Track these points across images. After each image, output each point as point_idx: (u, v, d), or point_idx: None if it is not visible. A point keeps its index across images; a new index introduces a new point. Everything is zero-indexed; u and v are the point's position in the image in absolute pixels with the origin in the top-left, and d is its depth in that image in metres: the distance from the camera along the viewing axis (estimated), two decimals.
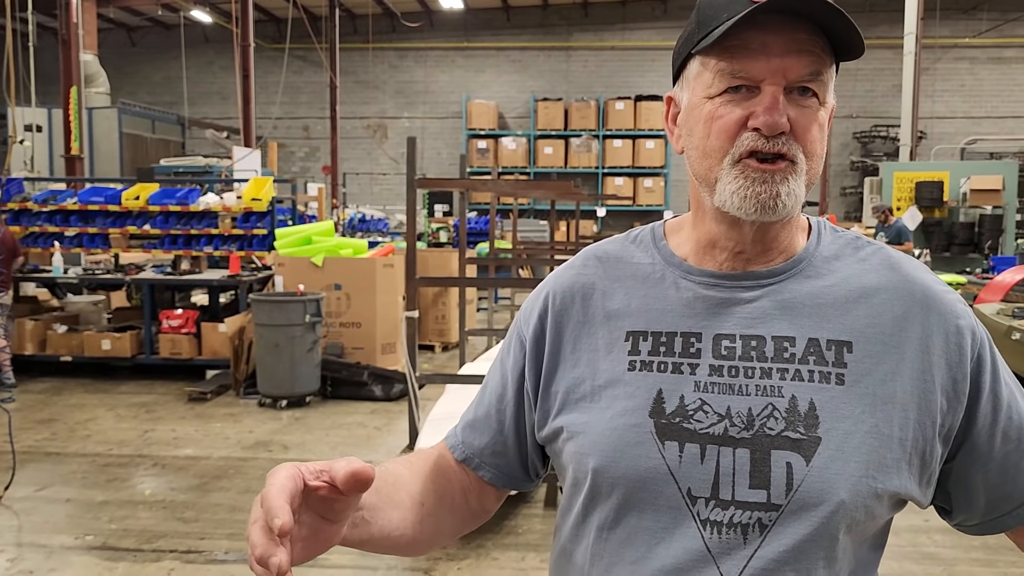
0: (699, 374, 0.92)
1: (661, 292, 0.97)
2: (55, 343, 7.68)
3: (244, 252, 8.12)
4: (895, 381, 0.89)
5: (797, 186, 0.90)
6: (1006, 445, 0.93)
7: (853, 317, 0.92)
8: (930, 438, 0.89)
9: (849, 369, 0.89)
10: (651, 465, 0.90)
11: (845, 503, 0.85)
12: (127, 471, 5.16)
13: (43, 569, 3.79)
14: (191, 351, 7.56)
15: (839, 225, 1.21)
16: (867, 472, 0.86)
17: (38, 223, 8.27)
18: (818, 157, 0.92)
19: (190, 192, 8.31)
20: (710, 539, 0.88)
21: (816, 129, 0.90)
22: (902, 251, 4.22)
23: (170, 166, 14.14)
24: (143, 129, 18.19)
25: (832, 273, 0.95)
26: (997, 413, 0.92)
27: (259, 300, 6.72)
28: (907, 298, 0.92)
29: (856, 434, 0.87)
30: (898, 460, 0.88)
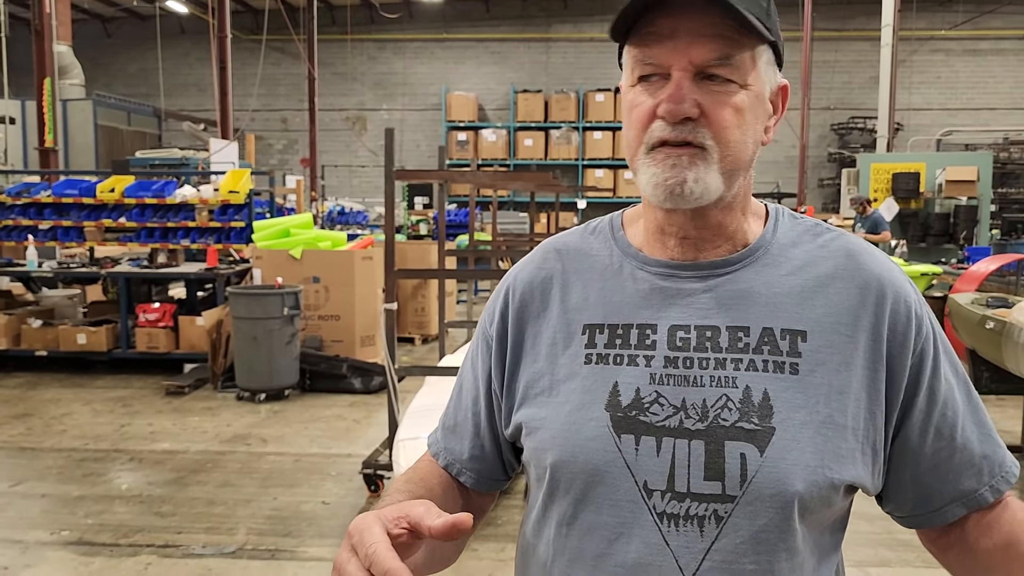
0: (654, 366, 0.91)
1: (618, 284, 0.97)
2: (30, 337, 7.59)
3: (221, 245, 8.06)
4: (849, 371, 0.89)
5: (707, 173, 0.88)
6: (937, 442, 0.93)
7: (808, 306, 0.91)
8: (880, 427, 0.90)
9: (803, 359, 0.89)
10: (608, 459, 0.90)
11: (801, 493, 0.85)
12: (103, 466, 5.12)
13: (18, 565, 3.75)
14: (168, 345, 7.50)
15: (818, 217, 1.21)
16: (822, 462, 0.86)
17: (11, 216, 8.16)
18: (735, 143, 0.89)
19: (166, 184, 8.23)
20: (668, 532, 0.87)
21: (729, 114, 0.88)
22: (877, 240, 4.28)
23: (146, 158, 14.00)
24: (119, 121, 18.00)
25: (789, 261, 0.94)
26: (931, 408, 0.92)
27: (237, 293, 6.68)
28: (863, 287, 0.92)
29: (811, 424, 0.87)
30: (852, 450, 0.88)
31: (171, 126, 20.70)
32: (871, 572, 3.73)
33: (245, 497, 4.57)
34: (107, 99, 18.03)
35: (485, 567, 3.73)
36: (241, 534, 4.09)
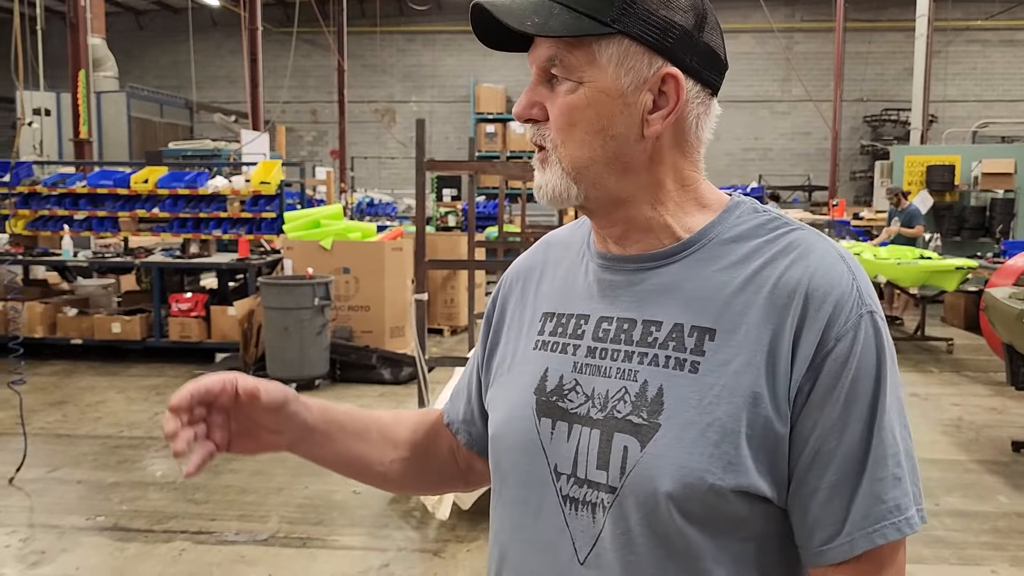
0: (578, 355, 0.94)
1: (577, 275, 1.00)
2: (65, 326, 7.71)
3: (253, 235, 8.12)
4: (751, 374, 0.84)
5: (551, 175, 0.90)
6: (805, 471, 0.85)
7: (726, 304, 0.87)
8: (781, 438, 0.84)
9: (706, 358, 0.86)
10: (528, 439, 0.95)
11: (672, 494, 0.83)
12: (137, 453, 5.19)
13: (55, 549, 3.81)
14: (200, 334, 7.58)
15: (850, 211, 1.16)
16: (701, 464, 0.83)
17: (47, 207, 8.28)
18: (571, 142, 0.89)
19: (199, 175, 8.30)
20: (569, 515, 0.91)
21: (561, 113, 0.88)
22: (912, 235, 4.17)
23: (179, 149, 14.14)
24: (151, 113, 18.19)
25: (726, 256, 0.90)
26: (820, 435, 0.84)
27: (268, 283, 6.73)
28: (793, 291, 0.85)
29: (697, 425, 0.84)
30: (743, 456, 0.83)
31: (202, 118, 20.88)
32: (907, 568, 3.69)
33: (277, 485, 4.61)
34: (140, 91, 18.23)
35: None
36: (273, 522, 4.13)
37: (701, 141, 0.94)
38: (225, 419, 0.98)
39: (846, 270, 0.87)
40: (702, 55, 0.89)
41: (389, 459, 1.10)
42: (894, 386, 0.86)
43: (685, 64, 0.88)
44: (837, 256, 0.88)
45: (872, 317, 0.85)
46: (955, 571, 3.70)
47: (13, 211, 8.18)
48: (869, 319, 0.85)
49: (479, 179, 16.09)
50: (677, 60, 0.88)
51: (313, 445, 1.04)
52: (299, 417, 1.01)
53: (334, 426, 1.06)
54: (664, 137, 0.90)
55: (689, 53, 0.88)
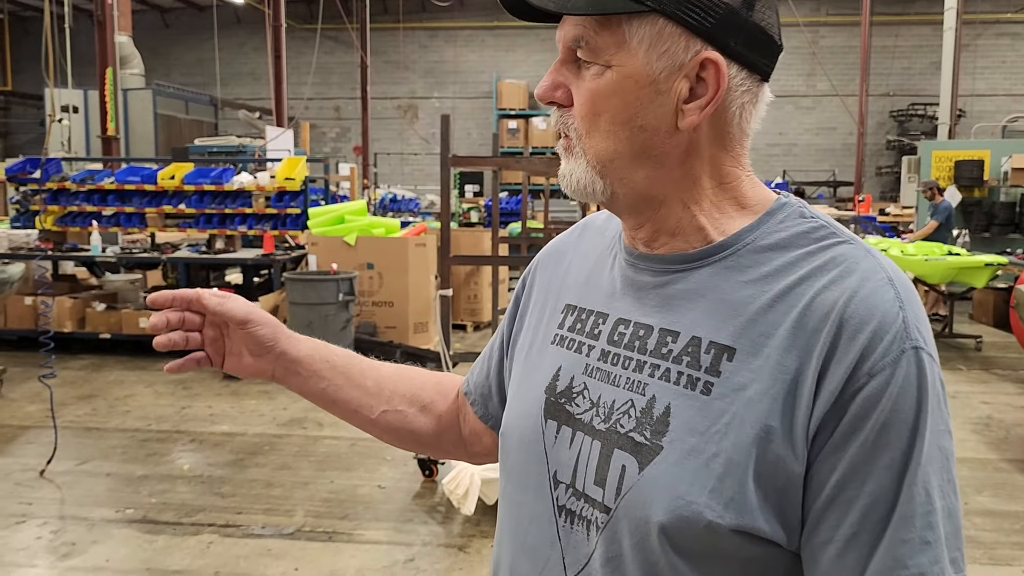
0: (591, 357, 0.88)
1: (604, 268, 0.94)
2: (94, 321, 7.80)
3: (278, 231, 8.17)
4: (766, 405, 0.74)
5: (575, 165, 0.83)
6: (820, 518, 0.75)
7: (751, 322, 0.78)
8: (795, 479, 0.74)
9: (721, 379, 0.77)
10: (532, 440, 0.90)
11: (664, 526, 0.76)
12: (165, 446, 5.25)
13: (85, 541, 3.86)
14: None
15: (877, 206, 1.09)
16: (700, 498, 0.75)
17: (76, 202, 8.37)
18: (597, 132, 0.81)
19: (224, 171, 8.37)
20: (562, 527, 0.85)
21: (585, 101, 0.80)
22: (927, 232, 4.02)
23: (204, 146, 14.25)
24: (177, 110, 18.34)
25: (760, 266, 0.80)
26: (840, 491, 0.73)
27: (293, 279, 6.77)
28: (826, 315, 0.74)
29: (701, 454, 0.76)
30: (748, 495, 0.74)
31: (227, 115, 21.03)
32: None
33: (302, 480, 4.64)
34: (166, 88, 18.38)
35: None
36: (299, 516, 4.15)
37: (746, 133, 0.84)
38: (219, 335, 1.03)
39: (893, 296, 0.75)
40: (750, 36, 0.79)
41: (381, 409, 1.08)
42: (938, 435, 0.73)
43: (728, 47, 0.78)
44: (885, 279, 0.76)
45: (918, 354, 0.73)
46: (986, 571, 3.66)
47: (43, 207, 8.28)
48: (913, 355, 0.73)
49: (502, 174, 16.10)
50: (719, 43, 0.78)
51: (299, 379, 1.05)
52: (279, 346, 1.03)
53: (324, 365, 1.05)
54: (702, 129, 0.81)
55: (734, 34, 0.78)
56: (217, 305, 0.99)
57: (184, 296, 0.99)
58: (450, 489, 3.98)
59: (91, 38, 11.24)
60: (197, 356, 1.03)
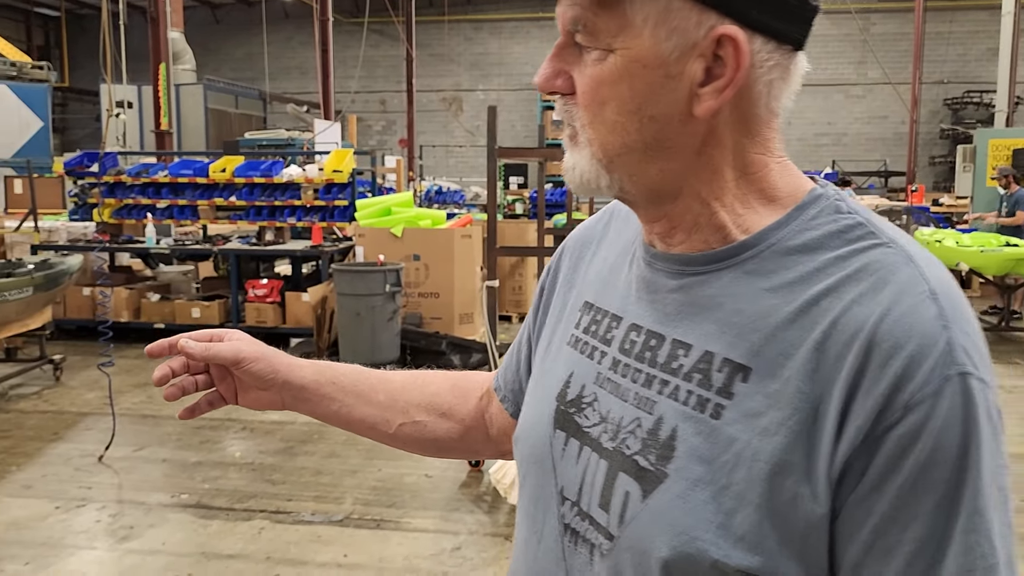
0: (603, 364, 0.80)
1: (623, 264, 0.85)
2: (149, 311, 8.00)
3: (326, 223, 8.29)
4: (782, 437, 0.66)
5: (579, 157, 0.75)
6: (858, 565, 0.65)
7: (770, 337, 0.68)
8: (818, 519, 0.65)
9: (734, 402, 0.68)
10: (542, 451, 0.84)
11: (667, 562, 0.68)
12: (218, 434, 5.37)
13: (142, 524, 3.98)
14: (275, 320, 7.78)
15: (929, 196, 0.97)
16: (707, 535, 0.67)
17: (132, 195, 8.58)
18: (602, 123, 0.72)
19: (274, 164, 8.50)
20: (567, 547, 0.79)
21: (588, 89, 0.72)
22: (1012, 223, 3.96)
23: (254, 139, 14.48)
24: (227, 104, 18.63)
25: (784, 271, 0.70)
26: (861, 518, 0.64)
27: (341, 270, 6.86)
28: (854, 335, 0.65)
29: (709, 486, 0.68)
30: (762, 535, 0.66)
31: (275, 108, 21.32)
32: None
33: (350, 468, 4.71)
34: (216, 83, 18.68)
35: None
36: (348, 503, 4.23)
37: (775, 113, 0.73)
38: (226, 372, 1.00)
39: (936, 313, 0.64)
40: (777, 3, 0.68)
41: (398, 422, 1.05)
42: (995, 473, 0.63)
43: (749, 17, 0.68)
44: (926, 292, 0.65)
45: (965, 381, 0.62)
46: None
47: (100, 200, 8.50)
48: (959, 383, 0.62)
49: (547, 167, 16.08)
50: (737, 14, 0.68)
51: (309, 404, 1.02)
52: (281, 376, 0.99)
53: (332, 387, 1.03)
54: (723, 114, 0.71)
55: (757, 3, 0.68)
56: (203, 351, 0.95)
57: (173, 344, 0.96)
58: (496, 479, 4.01)
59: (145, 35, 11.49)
60: (209, 397, 1.00)
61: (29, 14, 24.67)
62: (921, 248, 0.70)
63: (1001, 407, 0.65)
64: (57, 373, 6.62)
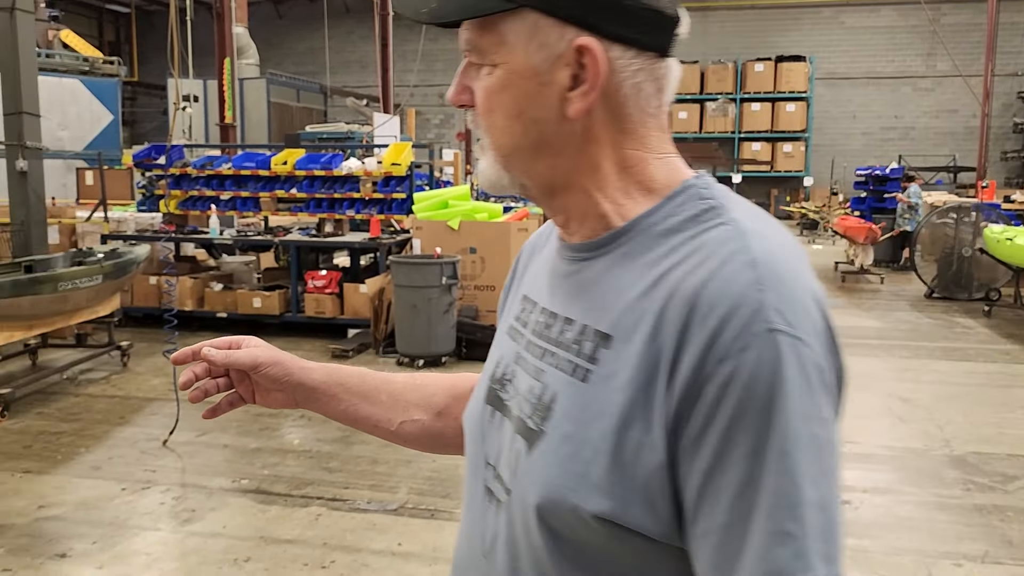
0: (521, 345, 0.91)
1: (549, 259, 0.95)
2: (212, 300, 8.20)
3: (384, 216, 8.38)
4: (628, 393, 0.75)
5: (486, 162, 0.86)
6: (695, 510, 0.72)
7: (628, 309, 0.78)
8: (656, 469, 0.73)
9: (598, 367, 0.78)
10: (476, 425, 0.95)
11: (539, 507, 0.79)
12: (277, 421, 5.48)
13: (204, 508, 4.09)
14: (334, 310, 7.90)
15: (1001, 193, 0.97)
16: (567, 483, 0.77)
17: (196, 187, 8.79)
18: (492, 127, 0.83)
19: (334, 157, 8.62)
20: (487, 506, 0.90)
21: (481, 100, 0.83)
22: None
23: (315, 132, 14.69)
24: (288, 98, 18.95)
25: (649, 252, 0.80)
26: (702, 482, 0.71)
27: (398, 262, 6.94)
28: (684, 300, 0.73)
29: (573, 440, 0.78)
30: (612, 481, 0.74)
31: (335, 102, 21.60)
32: None
33: (405, 458, 4.77)
34: (278, 77, 19.01)
35: None
36: (402, 492, 4.28)
37: (648, 113, 0.82)
38: (244, 375, 1.09)
39: (751, 279, 0.71)
40: (630, 16, 0.78)
41: (399, 420, 1.14)
42: (807, 421, 0.69)
43: (605, 30, 0.78)
44: (747, 260, 0.73)
45: (773, 337, 0.69)
46: None
47: (167, 192, 8.73)
48: (767, 339, 0.69)
49: None
50: (593, 27, 0.77)
51: (319, 404, 1.12)
52: (294, 379, 1.09)
53: (339, 388, 1.12)
54: (595, 114, 0.80)
55: (608, 16, 0.77)
56: (223, 359, 1.06)
57: (196, 352, 1.07)
58: None
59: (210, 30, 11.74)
60: (230, 398, 1.11)
61: (101, 11, 25.42)
62: (763, 225, 0.78)
63: (824, 365, 0.71)
64: (124, 359, 6.83)
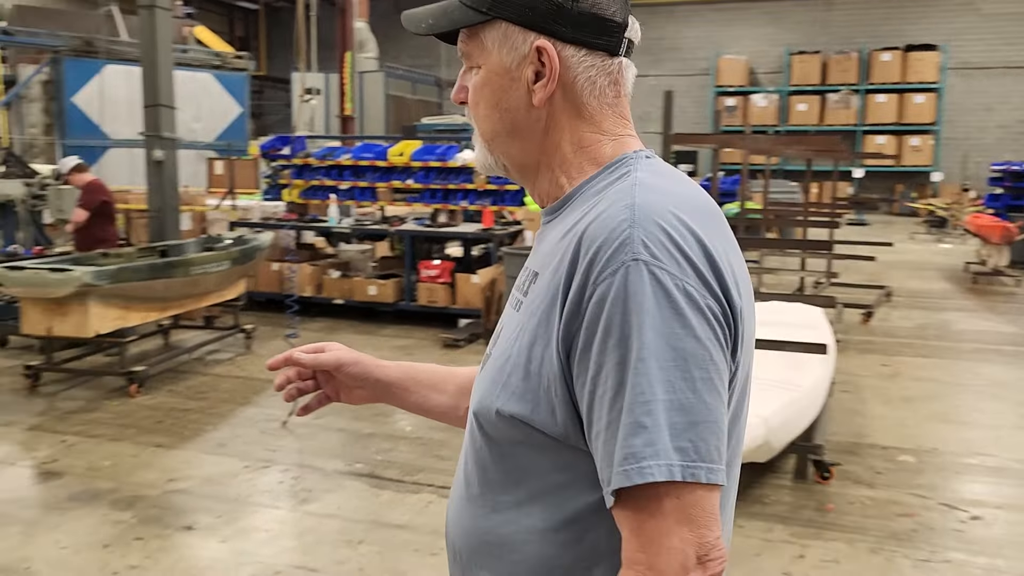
0: (513, 303, 1.06)
1: None
2: (329, 287, 8.45)
3: (497, 207, 8.43)
4: (540, 315, 0.94)
5: (478, 148, 1.06)
6: (589, 415, 0.89)
7: (551, 251, 0.97)
8: (555, 376, 0.91)
9: (527, 298, 0.98)
10: (476, 375, 1.09)
11: (476, 414, 1.00)
12: (389, 408, 5.58)
13: (320, 489, 4.22)
14: (446, 300, 8.01)
15: None
16: (492, 390, 0.97)
17: (317, 177, 9.07)
18: (479, 117, 1.04)
19: (449, 149, 8.73)
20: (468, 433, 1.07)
21: (472, 94, 1.04)
22: None
23: (431, 124, 14.93)
24: (405, 91, 19.34)
25: (579, 210, 0.97)
26: (584, 380, 0.89)
27: (510, 253, 6.97)
28: (581, 235, 0.91)
29: (501, 357, 0.98)
30: (524, 389, 0.94)
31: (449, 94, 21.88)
32: None
33: None
34: (396, 70, 19.43)
35: (752, 545, 3.63)
36: None
37: (606, 103, 1.01)
38: (329, 376, 1.28)
39: (626, 218, 0.88)
40: (579, 22, 0.97)
41: (464, 407, 1.22)
42: (669, 336, 0.84)
43: (559, 33, 0.97)
44: (625, 205, 0.90)
45: (638, 265, 0.86)
46: None
47: (290, 181, 9.04)
48: (633, 267, 0.85)
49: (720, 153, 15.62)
50: (548, 32, 0.97)
51: (394, 397, 1.29)
52: (373, 376, 1.27)
53: (411, 381, 1.29)
54: (556, 103, 0.99)
55: (563, 24, 0.97)
56: (312, 360, 1.26)
57: (288, 357, 1.26)
58: None
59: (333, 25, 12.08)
60: (319, 397, 1.30)
61: (232, 8, 26.55)
62: (659, 181, 0.95)
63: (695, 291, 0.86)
64: (248, 341, 7.12)
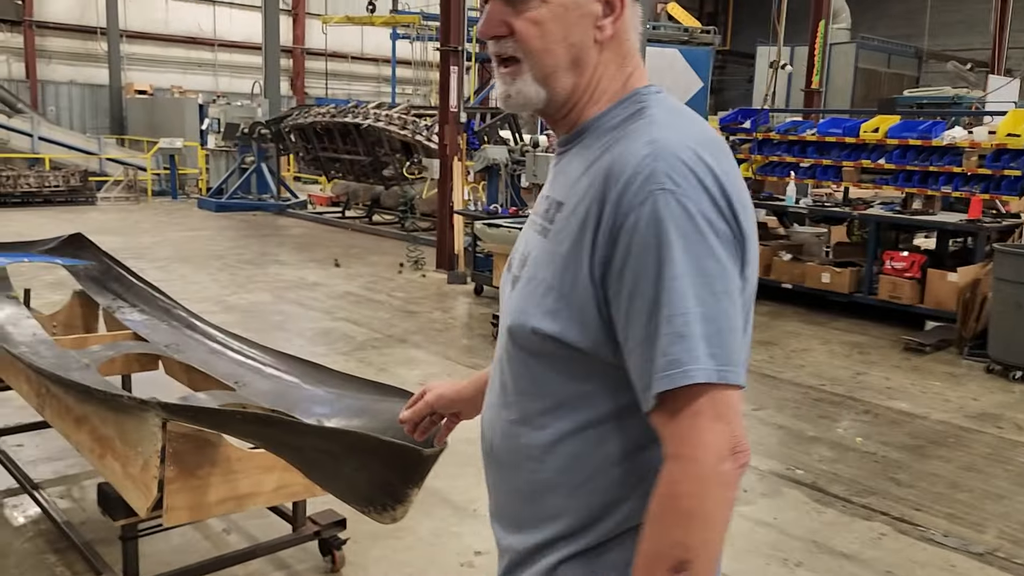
0: (531, 223, 1.21)
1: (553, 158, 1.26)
2: (778, 270, 7.92)
3: (988, 195, 7.13)
4: (570, 241, 1.07)
5: (523, 84, 1.14)
6: (626, 330, 1.03)
7: (575, 183, 1.10)
8: (589, 296, 1.05)
9: (553, 225, 1.12)
10: (501, 292, 1.26)
11: (511, 328, 1.16)
12: (837, 411, 5.00)
13: (756, 491, 3.84)
14: (912, 297, 7.01)
15: None
16: (525, 309, 1.12)
17: (777, 153, 8.54)
18: (538, 51, 1.11)
19: (933, 125, 7.59)
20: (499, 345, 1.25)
21: (531, 28, 1.11)
22: None
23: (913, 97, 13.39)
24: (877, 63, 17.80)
25: (597, 143, 1.11)
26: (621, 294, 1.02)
27: (1005, 252, 5.80)
28: (608, 168, 1.05)
29: (533, 280, 1.12)
30: (557, 309, 1.08)
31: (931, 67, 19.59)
32: None
33: (995, 491, 3.92)
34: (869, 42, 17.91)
35: None
36: (990, 535, 3.49)
37: (637, 37, 1.16)
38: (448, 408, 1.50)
39: (648, 153, 1.02)
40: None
41: None
42: (697, 258, 0.99)
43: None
44: (646, 140, 1.04)
45: (663, 194, 1.00)
46: None
47: (748, 156, 8.65)
48: (660, 195, 0.99)
49: None
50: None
51: (476, 410, 1.39)
52: (456, 401, 1.47)
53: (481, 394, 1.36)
54: (612, 40, 1.13)
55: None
56: (424, 407, 1.48)
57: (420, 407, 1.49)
58: None
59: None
60: (447, 424, 1.52)
61: None
62: (674, 119, 1.10)
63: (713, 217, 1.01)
64: None
